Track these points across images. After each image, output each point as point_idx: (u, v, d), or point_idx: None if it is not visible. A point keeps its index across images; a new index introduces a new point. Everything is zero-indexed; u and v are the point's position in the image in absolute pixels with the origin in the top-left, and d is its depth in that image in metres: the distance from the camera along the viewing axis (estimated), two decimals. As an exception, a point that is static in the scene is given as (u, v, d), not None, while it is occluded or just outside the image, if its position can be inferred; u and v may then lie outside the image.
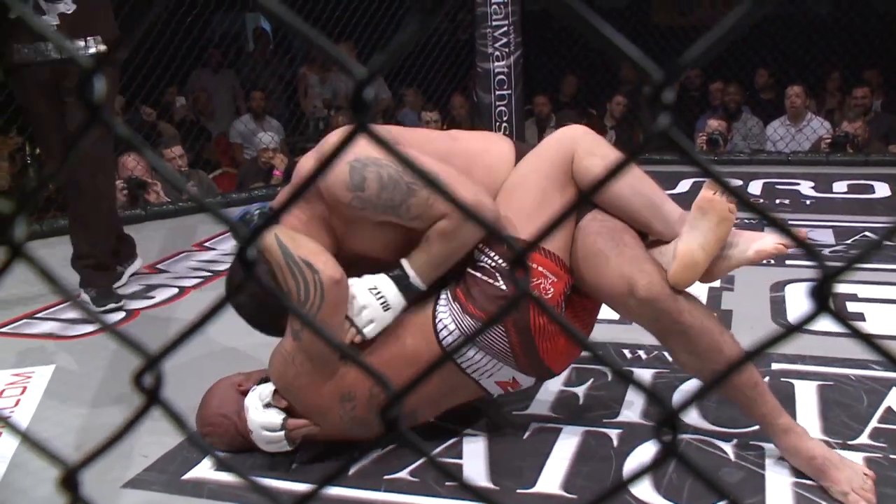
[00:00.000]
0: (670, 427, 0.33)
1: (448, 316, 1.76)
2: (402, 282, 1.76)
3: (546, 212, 1.78)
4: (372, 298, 1.74)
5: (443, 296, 1.79)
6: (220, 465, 1.37)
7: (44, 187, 0.37)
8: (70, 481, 0.37)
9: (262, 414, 1.79)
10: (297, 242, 1.70)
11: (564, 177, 1.80)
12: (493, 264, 1.76)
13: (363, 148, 1.68)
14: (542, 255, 1.76)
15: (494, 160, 1.88)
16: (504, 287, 1.73)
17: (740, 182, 5.03)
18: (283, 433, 1.78)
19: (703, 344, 1.71)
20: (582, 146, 1.81)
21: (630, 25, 6.61)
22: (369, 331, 1.75)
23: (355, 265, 1.77)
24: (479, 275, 1.76)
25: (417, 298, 1.79)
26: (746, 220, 3.78)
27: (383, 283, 1.76)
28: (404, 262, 1.76)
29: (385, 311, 1.75)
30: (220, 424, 1.90)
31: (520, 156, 1.89)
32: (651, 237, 1.86)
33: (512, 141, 1.97)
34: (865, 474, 1.64)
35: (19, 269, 0.36)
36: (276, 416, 1.78)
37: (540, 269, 1.75)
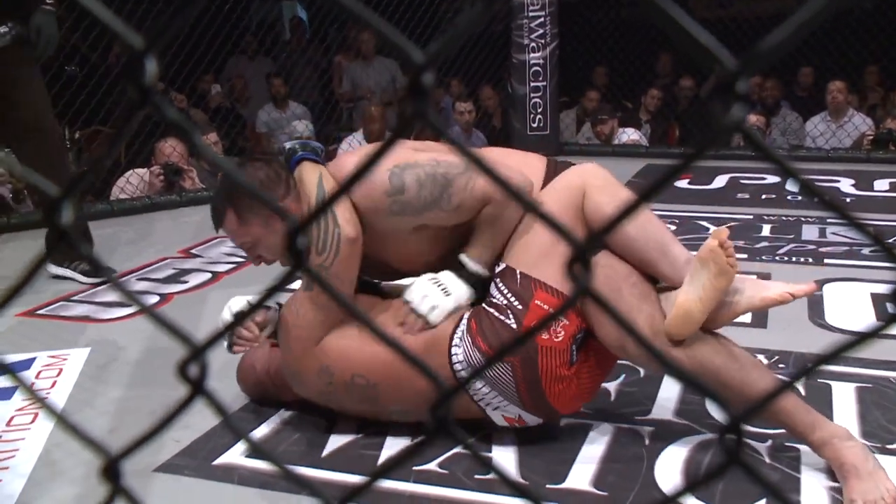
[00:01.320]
0: (735, 433, 0.31)
1: (461, 348, 1.78)
2: (460, 271, 1.84)
3: (559, 251, 1.79)
4: (432, 286, 1.82)
5: (463, 321, 1.81)
6: (259, 453, 1.38)
7: (92, 171, 0.36)
8: (112, 471, 0.37)
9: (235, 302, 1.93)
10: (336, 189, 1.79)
11: (575, 215, 1.80)
12: (505, 301, 1.77)
13: (401, 154, 1.77)
14: (554, 296, 1.76)
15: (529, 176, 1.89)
16: (514, 326, 1.74)
17: (778, 178, 4.95)
18: (227, 317, 1.89)
19: (711, 384, 1.68)
20: (592, 184, 1.82)
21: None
22: (434, 317, 1.80)
23: (379, 274, 1.89)
24: (491, 311, 1.78)
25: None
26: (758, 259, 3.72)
27: (442, 274, 1.84)
28: (461, 256, 1.84)
29: (446, 296, 1.82)
30: (249, 374, 2.02)
31: (551, 174, 1.89)
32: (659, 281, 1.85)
33: (546, 160, 1.97)
34: (888, 489, 1.60)
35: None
36: (240, 303, 1.90)
37: (550, 310, 1.75)
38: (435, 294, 1.81)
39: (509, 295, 1.78)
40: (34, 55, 3.01)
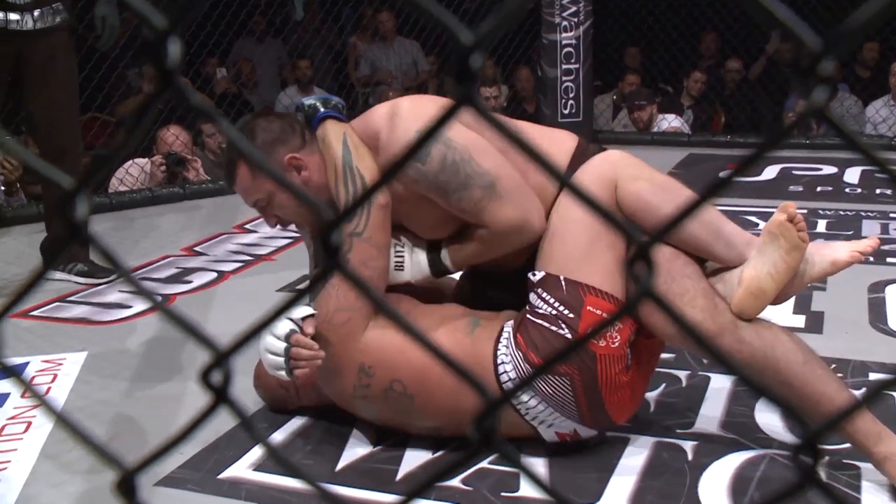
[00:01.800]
0: (811, 450, 0.31)
1: (510, 363, 1.79)
2: (433, 254, 1.90)
3: (599, 249, 1.80)
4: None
5: (504, 334, 1.82)
6: (275, 465, 1.38)
7: (110, 160, 0.36)
8: (127, 485, 0.37)
9: (276, 325, 1.77)
10: (360, 153, 1.84)
11: (610, 204, 1.81)
12: (553, 311, 1.78)
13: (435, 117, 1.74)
14: (605, 299, 1.78)
15: (555, 153, 1.91)
16: (569, 335, 1.76)
17: (835, 169, 4.90)
18: (284, 347, 1.72)
19: (769, 379, 1.70)
20: (624, 172, 1.83)
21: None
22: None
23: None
24: (539, 322, 1.79)
25: (482, 328, 1.85)
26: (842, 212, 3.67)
27: (414, 248, 1.91)
28: (444, 247, 1.90)
29: (396, 270, 1.89)
30: (264, 376, 2.02)
31: (582, 156, 1.90)
32: (713, 264, 1.85)
33: (578, 139, 1.99)
34: None
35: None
36: (286, 325, 1.74)
37: (605, 315, 1.77)
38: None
39: (556, 304, 1.79)
40: (98, 45, 3.16)
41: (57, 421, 0.35)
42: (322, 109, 1.90)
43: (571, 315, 1.76)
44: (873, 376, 2.24)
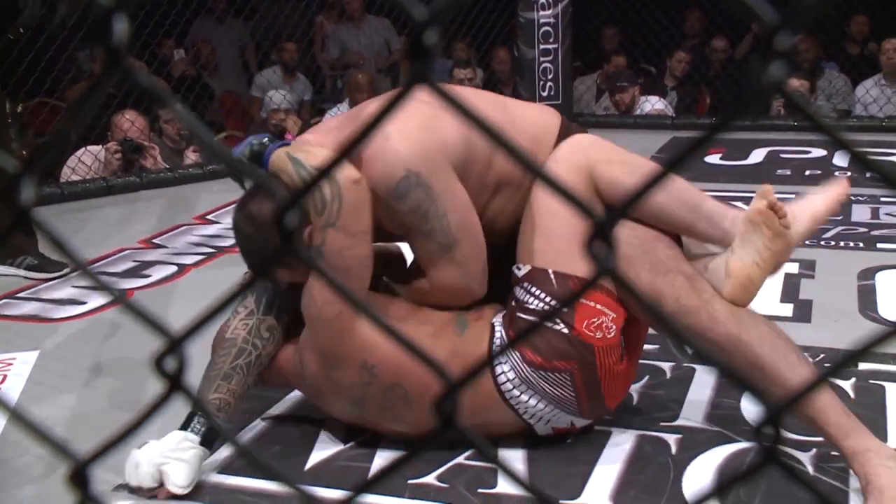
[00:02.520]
0: (773, 427, 0.32)
1: (507, 362, 1.82)
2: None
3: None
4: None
5: (497, 334, 1.86)
6: (245, 456, 1.39)
7: (57, 144, 0.37)
8: (80, 477, 0.38)
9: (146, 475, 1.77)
10: (310, 153, 1.81)
11: (587, 190, 1.84)
12: (546, 306, 1.81)
13: (429, 163, 1.79)
14: (598, 289, 1.82)
15: (541, 134, 1.95)
16: (566, 330, 1.80)
17: (824, 152, 4.95)
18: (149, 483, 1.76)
19: (740, 360, 1.75)
20: (596, 157, 1.87)
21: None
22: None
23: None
24: (535, 319, 1.81)
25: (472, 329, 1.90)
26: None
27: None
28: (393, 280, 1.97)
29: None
30: None
31: (566, 136, 1.94)
32: (690, 244, 1.91)
33: (562, 117, 2.04)
34: None
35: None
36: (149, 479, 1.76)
37: (599, 306, 1.82)
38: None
39: (548, 298, 1.82)
40: (21, 20, 3.10)
41: (9, 416, 0.36)
42: (269, 145, 1.90)
43: (565, 309, 1.79)
44: (863, 366, 2.28)
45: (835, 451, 1.76)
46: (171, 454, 1.75)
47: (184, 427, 1.79)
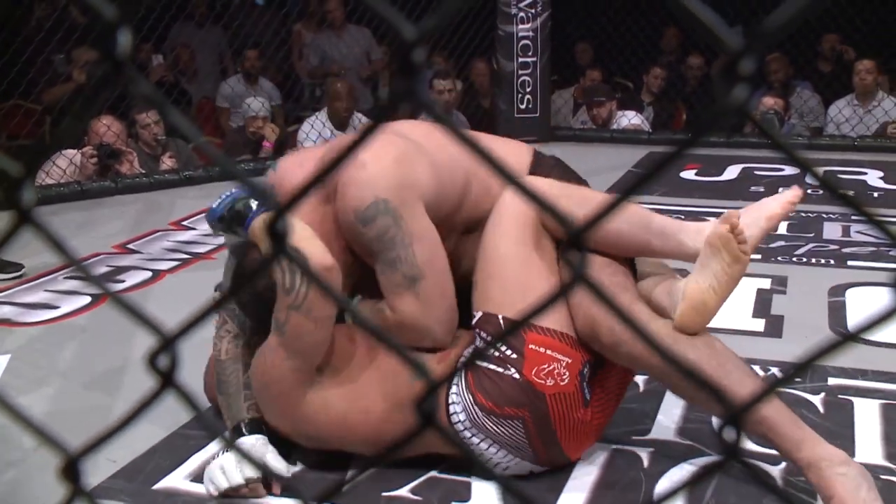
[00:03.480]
0: (734, 427, 0.34)
1: (460, 403, 1.82)
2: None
3: (533, 282, 1.84)
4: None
5: (457, 378, 1.84)
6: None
7: (57, 146, 0.38)
8: (71, 470, 0.39)
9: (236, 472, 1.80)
10: (294, 230, 1.77)
11: (535, 234, 1.87)
12: (498, 353, 1.80)
13: (401, 193, 1.80)
14: (548, 335, 1.81)
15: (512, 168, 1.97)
16: (516, 376, 1.78)
17: (797, 170, 5.01)
18: (240, 483, 1.78)
19: (682, 387, 1.80)
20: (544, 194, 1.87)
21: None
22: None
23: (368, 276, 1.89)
24: (486, 365, 1.81)
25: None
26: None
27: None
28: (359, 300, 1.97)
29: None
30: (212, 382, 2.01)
31: (538, 168, 1.99)
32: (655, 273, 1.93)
33: (533, 152, 2.08)
34: None
35: None
36: (247, 473, 1.79)
37: (549, 352, 1.80)
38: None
39: (499, 344, 1.82)
40: None
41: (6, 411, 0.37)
42: (254, 208, 1.89)
43: (514, 355, 1.79)
44: (832, 381, 2.32)
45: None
46: (255, 451, 1.85)
47: (238, 434, 1.89)
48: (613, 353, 1.82)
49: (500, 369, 1.79)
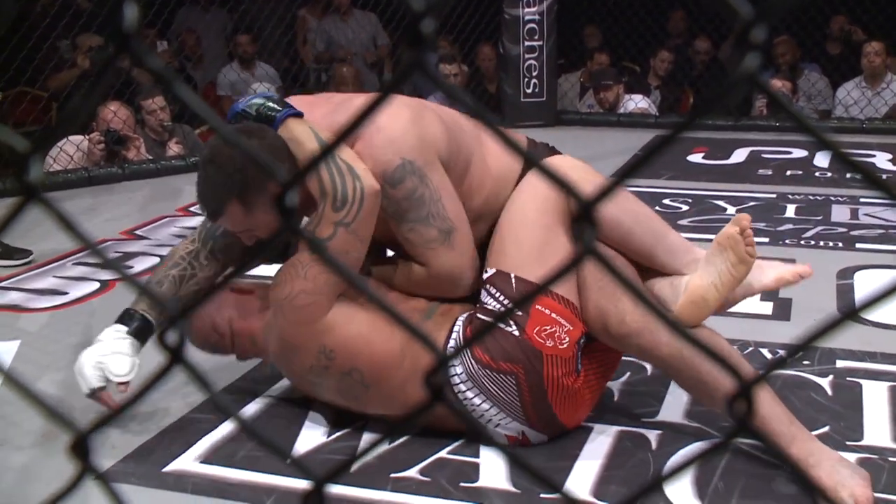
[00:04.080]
0: (745, 399, 0.34)
1: (458, 359, 1.85)
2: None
3: (554, 249, 1.88)
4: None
5: (456, 328, 1.89)
6: (245, 430, 1.42)
7: (65, 125, 0.38)
8: (81, 447, 0.39)
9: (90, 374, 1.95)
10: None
11: (560, 211, 1.89)
12: (502, 308, 1.85)
13: (422, 153, 1.84)
14: (555, 300, 1.84)
15: (506, 171, 2.00)
16: (517, 333, 1.82)
17: (805, 153, 5.00)
18: (89, 392, 1.94)
19: (685, 378, 1.83)
20: (574, 178, 1.90)
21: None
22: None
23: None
24: (488, 319, 1.85)
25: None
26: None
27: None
28: (370, 265, 1.99)
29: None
30: (196, 320, 2.02)
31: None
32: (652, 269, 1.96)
33: (528, 139, 2.11)
34: None
35: None
36: (98, 379, 1.94)
37: (553, 315, 1.84)
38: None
39: (506, 301, 1.84)
40: None
41: (7, 381, 0.37)
42: (281, 109, 1.87)
43: (520, 313, 1.82)
44: (840, 363, 2.32)
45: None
46: (106, 349, 1.94)
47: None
48: (622, 344, 1.87)
49: (502, 324, 1.82)
